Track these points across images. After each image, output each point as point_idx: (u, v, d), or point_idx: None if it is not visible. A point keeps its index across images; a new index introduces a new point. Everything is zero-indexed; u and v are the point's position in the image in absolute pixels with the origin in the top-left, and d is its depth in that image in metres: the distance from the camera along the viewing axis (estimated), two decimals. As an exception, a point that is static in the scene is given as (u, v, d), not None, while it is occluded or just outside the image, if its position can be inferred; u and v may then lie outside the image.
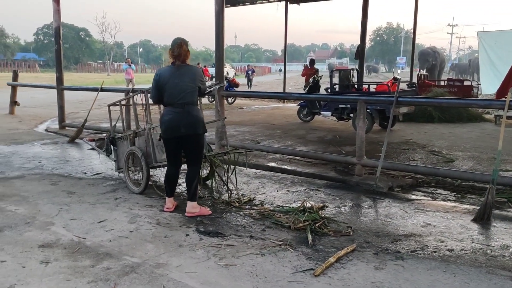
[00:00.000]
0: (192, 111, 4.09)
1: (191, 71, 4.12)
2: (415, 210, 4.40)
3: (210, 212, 4.16)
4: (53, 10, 9.38)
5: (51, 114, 12.01)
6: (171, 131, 4.06)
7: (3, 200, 4.48)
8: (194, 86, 4.09)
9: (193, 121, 4.07)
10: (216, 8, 6.47)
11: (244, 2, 17.74)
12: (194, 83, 4.08)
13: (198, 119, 4.11)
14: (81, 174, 5.77)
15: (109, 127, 5.96)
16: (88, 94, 13.75)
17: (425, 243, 3.50)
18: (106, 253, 3.23)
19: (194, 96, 4.13)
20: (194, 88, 4.09)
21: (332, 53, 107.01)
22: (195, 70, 4.20)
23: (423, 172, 5.37)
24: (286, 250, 3.32)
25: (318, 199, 4.71)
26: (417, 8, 15.80)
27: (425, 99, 7.47)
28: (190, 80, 4.07)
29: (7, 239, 3.47)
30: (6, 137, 8.47)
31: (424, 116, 10.66)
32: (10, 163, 6.28)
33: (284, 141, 8.09)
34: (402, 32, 76.59)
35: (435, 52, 23.45)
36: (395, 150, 7.15)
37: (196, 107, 4.18)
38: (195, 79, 4.10)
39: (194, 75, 4.11)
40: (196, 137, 4.12)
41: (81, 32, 71.31)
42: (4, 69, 48.38)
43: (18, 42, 72.86)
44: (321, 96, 10.17)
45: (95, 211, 4.22)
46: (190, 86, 4.06)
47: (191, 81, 4.07)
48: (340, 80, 10.33)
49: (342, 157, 6.03)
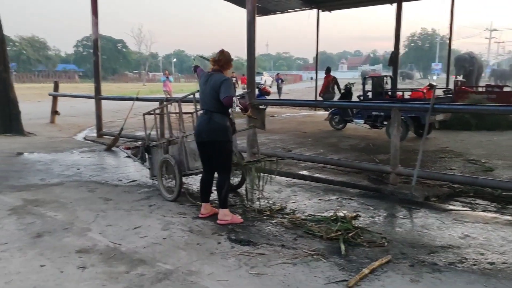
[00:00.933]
0: (215, 117, 4.09)
1: (214, 79, 4.10)
2: (453, 220, 4.25)
3: (241, 221, 4.15)
4: (92, 23, 9.74)
5: (89, 123, 12.43)
6: (196, 136, 4.24)
7: (44, 206, 4.66)
8: (215, 94, 4.05)
9: (214, 127, 4.09)
10: (247, 18, 6.53)
11: (275, 11, 17.85)
12: (215, 90, 4.05)
13: (218, 126, 4.09)
14: (117, 181, 5.92)
15: (144, 135, 6.10)
16: (124, 103, 14.15)
17: (464, 256, 3.38)
18: (140, 260, 3.29)
19: (217, 104, 4.06)
20: (215, 95, 4.05)
21: (365, 60, 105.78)
22: (217, 78, 4.09)
23: (461, 182, 5.20)
24: (319, 260, 3.28)
25: (351, 208, 4.64)
26: (453, 13, 15.40)
27: (462, 106, 7.26)
28: (213, 88, 4.06)
29: (47, 244, 3.60)
30: (47, 145, 8.82)
31: (461, 123, 10.32)
32: (51, 170, 6.53)
33: (315, 149, 8.03)
34: (438, 38, 74.76)
35: (472, 58, 22.72)
36: (431, 158, 6.95)
37: (219, 114, 4.11)
38: (216, 86, 4.05)
39: (215, 83, 4.06)
40: (217, 144, 4.12)
41: (118, 43, 73.66)
42: (46, 80, 50.56)
43: (59, 54, 76.06)
44: (353, 104, 10.05)
45: (130, 217, 4.32)
46: (212, 93, 4.07)
47: (213, 89, 4.05)
48: (373, 87, 10.18)
49: (375, 166, 5.92)
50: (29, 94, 26.36)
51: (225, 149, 4.17)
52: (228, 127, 4.15)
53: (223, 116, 4.15)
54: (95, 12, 9.67)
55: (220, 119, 4.12)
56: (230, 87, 4.06)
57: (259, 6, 15.87)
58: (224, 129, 4.11)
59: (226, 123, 4.14)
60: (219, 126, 4.10)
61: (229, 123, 4.18)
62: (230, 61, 4.25)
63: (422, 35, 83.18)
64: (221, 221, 4.09)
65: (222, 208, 4.14)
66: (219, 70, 4.17)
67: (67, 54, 79.23)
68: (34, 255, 3.37)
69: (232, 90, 4.09)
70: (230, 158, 4.31)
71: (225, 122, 4.14)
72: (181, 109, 5.40)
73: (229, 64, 4.22)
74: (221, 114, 4.13)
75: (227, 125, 4.15)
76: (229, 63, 4.23)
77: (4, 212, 4.42)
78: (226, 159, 4.24)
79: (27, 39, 63.33)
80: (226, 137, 4.13)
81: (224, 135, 4.12)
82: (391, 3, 15.05)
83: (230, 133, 4.17)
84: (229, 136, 4.16)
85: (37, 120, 12.99)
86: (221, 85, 4.02)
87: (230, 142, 4.20)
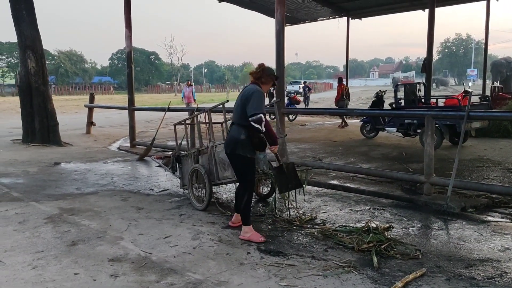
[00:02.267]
0: (231, 130, 4.03)
1: (247, 89, 4.02)
2: (492, 232, 4.07)
3: (260, 240, 3.88)
4: (125, 36, 10.04)
5: (123, 134, 12.77)
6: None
7: (79, 215, 4.79)
8: (243, 105, 3.90)
9: (227, 140, 4.05)
10: (276, 27, 6.56)
11: (304, 20, 17.89)
12: (244, 101, 3.90)
13: (230, 139, 3.98)
14: (149, 191, 6.02)
15: (175, 145, 6.20)
16: (157, 114, 14.46)
17: (504, 270, 3.22)
18: (170, 269, 3.31)
19: (240, 117, 3.94)
20: (243, 106, 3.90)
21: (396, 67, 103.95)
22: (249, 88, 3.97)
23: (500, 192, 4.98)
24: (350, 273, 3.21)
25: (383, 219, 4.53)
26: (488, 17, 14.98)
27: (500, 113, 6.97)
28: (242, 98, 3.95)
29: (81, 252, 3.69)
30: (83, 155, 9.10)
31: (499, 131, 9.96)
32: (86, 179, 6.72)
33: (346, 158, 7.92)
34: (473, 43, 72.72)
35: (510, 63, 21.94)
36: (468, 167, 6.72)
37: (236, 127, 3.98)
38: (244, 97, 3.92)
39: (246, 93, 3.94)
40: (231, 157, 4.03)
41: (151, 55, 75.56)
42: (83, 92, 52.37)
43: (95, 66, 78.63)
44: (385, 112, 9.87)
45: (161, 226, 4.37)
46: (240, 104, 3.95)
47: (242, 99, 3.94)
48: (405, 94, 9.98)
49: (409, 175, 5.77)
50: (66, 105, 27.37)
51: (239, 163, 4.00)
52: (240, 141, 3.91)
53: (239, 129, 3.95)
54: (128, 25, 9.98)
55: (235, 132, 3.97)
56: (260, 101, 3.84)
57: (288, 16, 15.99)
58: (235, 143, 3.94)
59: (239, 136, 3.92)
60: (231, 139, 3.98)
61: (246, 137, 3.91)
62: (270, 76, 4.04)
63: (456, 40, 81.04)
64: (242, 236, 3.99)
65: (243, 224, 4.05)
66: (256, 83, 4.05)
67: (102, 67, 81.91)
68: (69, 263, 3.45)
69: (262, 106, 3.85)
70: (249, 173, 4.02)
71: (238, 136, 3.92)
72: (211, 119, 5.45)
73: (268, 79, 4.04)
74: (238, 127, 3.97)
75: (240, 138, 3.91)
76: (268, 77, 4.04)
77: (41, 220, 4.57)
78: (243, 173, 4.03)
79: (65, 53, 65.89)
80: (237, 150, 3.93)
81: (234, 148, 3.95)
82: (423, 8, 14.82)
83: (243, 148, 3.92)
84: (241, 150, 3.92)
85: (74, 130, 13.46)
86: (250, 96, 3.84)
87: (243, 156, 3.94)
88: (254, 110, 3.77)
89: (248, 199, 4.00)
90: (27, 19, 10.21)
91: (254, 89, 3.91)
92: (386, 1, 15.05)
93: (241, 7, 15.47)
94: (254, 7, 15.59)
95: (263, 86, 4.04)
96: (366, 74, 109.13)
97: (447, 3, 14.91)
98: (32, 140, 10.47)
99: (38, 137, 10.47)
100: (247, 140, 3.92)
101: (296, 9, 15.74)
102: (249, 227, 3.99)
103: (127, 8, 9.98)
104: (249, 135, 3.91)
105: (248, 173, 4.03)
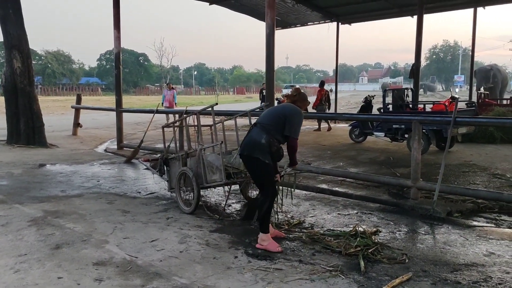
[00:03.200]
0: (252, 131, 3.95)
1: (290, 106, 4.01)
2: (477, 237, 4.11)
3: (278, 250, 3.72)
4: (114, 37, 9.95)
5: (111, 135, 12.64)
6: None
7: (63, 218, 4.71)
8: (281, 116, 3.90)
9: (247, 141, 3.92)
10: (267, 31, 6.56)
11: (294, 24, 17.94)
12: (285, 115, 3.90)
13: (250, 140, 3.90)
14: (136, 193, 5.96)
15: (163, 147, 6.15)
16: (145, 116, 14.35)
17: (489, 274, 3.25)
18: (156, 273, 3.27)
19: (272, 123, 3.89)
20: (279, 117, 3.90)
21: (385, 72, 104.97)
22: (294, 107, 4.00)
23: (485, 197, 5.04)
24: (337, 277, 3.20)
25: (370, 223, 4.54)
26: (475, 24, 15.22)
27: (485, 119, 7.08)
28: (284, 110, 3.96)
29: (65, 255, 3.62)
30: (69, 157, 8.98)
31: (485, 136, 10.09)
32: (71, 182, 6.63)
33: (334, 162, 7.94)
34: (460, 50, 73.83)
35: (495, 70, 22.27)
36: (454, 172, 6.78)
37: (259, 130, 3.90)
38: (287, 111, 3.93)
39: (291, 109, 3.97)
40: (246, 159, 3.93)
41: (140, 57, 75.17)
42: (70, 93, 51.82)
43: (83, 67, 77.93)
44: (373, 117, 9.94)
45: (147, 230, 4.32)
46: (277, 113, 3.98)
47: (284, 111, 3.95)
48: (393, 99, 10.07)
49: (396, 180, 5.80)
50: (53, 106, 27.06)
51: (255, 167, 3.89)
52: (262, 145, 3.81)
53: (261, 133, 3.86)
54: (117, 26, 9.90)
55: (256, 135, 3.87)
56: (300, 126, 3.94)
57: (278, 20, 16.01)
58: (253, 145, 3.84)
59: (261, 140, 3.82)
60: (250, 140, 3.88)
61: (266, 141, 3.82)
62: (305, 101, 4.12)
63: (444, 47, 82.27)
64: (258, 245, 3.82)
65: (260, 231, 3.87)
66: (293, 103, 4.06)
67: (90, 68, 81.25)
68: (52, 266, 3.39)
69: (299, 130, 3.95)
70: (267, 180, 3.90)
71: (260, 139, 3.83)
72: (200, 121, 5.42)
73: (303, 104, 4.10)
74: (260, 131, 3.87)
75: (262, 142, 3.81)
76: (303, 102, 4.10)
77: (24, 223, 4.49)
78: (261, 179, 3.93)
79: (52, 53, 65.15)
80: (257, 154, 3.81)
81: (252, 151, 3.84)
82: (412, 15, 14.97)
83: (263, 153, 3.81)
84: (260, 155, 3.81)
85: (60, 132, 13.30)
86: (295, 117, 3.88)
87: (261, 161, 3.82)
88: (295, 135, 3.89)
89: (268, 207, 3.85)
90: (13, 18, 10.07)
91: (300, 112, 3.97)
92: (376, 7, 15.19)
93: (232, 10, 15.46)
94: (244, 10, 15.61)
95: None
96: (355, 79, 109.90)
97: (435, 10, 15.10)
98: (17, 141, 10.30)
99: (23, 138, 10.30)
100: (267, 145, 3.82)
101: (286, 13, 15.80)
102: (267, 235, 3.82)
103: (116, 8, 9.90)
104: (270, 140, 3.84)
105: (267, 180, 3.91)
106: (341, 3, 14.84)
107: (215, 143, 4.98)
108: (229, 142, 5.86)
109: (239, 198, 5.60)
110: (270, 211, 3.90)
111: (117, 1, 9.91)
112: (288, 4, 14.48)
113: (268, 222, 3.88)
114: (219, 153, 4.74)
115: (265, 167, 3.85)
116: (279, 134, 3.87)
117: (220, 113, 7.12)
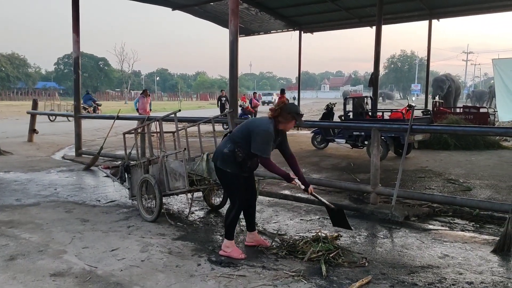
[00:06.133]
0: (221, 142, 3.91)
1: (256, 120, 3.97)
2: (432, 240, 4.28)
3: (242, 257, 3.73)
4: (73, 41, 9.69)
5: (69, 142, 12.22)
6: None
7: (18, 228, 4.52)
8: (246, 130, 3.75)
9: (216, 151, 3.91)
10: (230, 38, 6.60)
11: (258, 31, 18.12)
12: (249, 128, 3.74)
13: (216, 150, 3.90)
14: (95, 202, 5.80)
15: (124, 154, 6.02)
16: (105, 122, 14.00)
17: (443, 275, 3.39)
18: (116, 283, 3.20)
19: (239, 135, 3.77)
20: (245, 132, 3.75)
21: (346, 81, 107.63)
22: (258, 120, 3.90)
23: (440, 201, 5.26)
24: (299, 282, 3.25)
25: (332, 228, 4.63)
26: (430, 35, 15.90)
27: (440, 126, 7.38)
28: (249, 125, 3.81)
29: (20, 267, 3.48)
30: (24, 164, 8.62)
31: (440, 143, 10.51)
32: (27, 190, 6.37)
33: (297, 169, 8.03)
34: (417, 60, 76.83)
35: (449, 79, 23.33)
36: (411, 178, 7.04)
37: (226, 139, 3.86)
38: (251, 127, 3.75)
39: (253, 122, 3.86)
40: (217, 170, 3.90)
41: (100, 61, 73.38)
42: (26, 97, 49.77)
43: (40, 71, 75.18)
44: (334, 124, 10.16)
45: (107, 239, 4.21)
46: (244, 128, 3.82)
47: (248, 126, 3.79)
48: (354, 107, 10.33)
49: (356, 185, 5.96)
50: (7, 112, 25.90)
51: (223, 177, 3.86)
52: (225, 154, 3.73)
53: (227, 142, 3.81)
54: (76, 30, 9.65)
55: (223, 144, 3.84)
56: (263, 142, 3.65)
57: (242, 27, 16.13)
58: (219, 155, 3.79)
59: (224, 149, 3.76)
60: (217, 150, 3.87)
61: (229, 151, 3.73)
62: (290, 114, 3.72)
63: (402, 56, 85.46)
64: (222, 252, 3.83)
65: (225, 238, 3.88)
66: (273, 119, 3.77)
67: (47, 72, 78.46)
68: (6, 279, 3.24)
69: (267, 148, 3.68)
70: (233, 190, 3.86)
71: (223, 148, 3.78)
72: (162, 128, 5.36)
73: (287, 117, 3.72)
74: (228, 140, 3.82)
75: (225, 151, 3.74)
76: (288, 115, 3.72)
77: (-24, 234, 4.27)
78: (227, 189, 3.98)
79: (6, 56, 62.44)
80: (221, 164, 3.77)
81: (217, 161, 3.81)
82: (371, 25, 15.47)
83: (227, 162, 3.74)
84: (221, 164, 3.76)
85: (15, 138, 12.74)
86: (257, 132, 3.65)
87: (224, 171, 3.77)
88: (262, 153, 3.66)
89: (234, 216, 3.82)
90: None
91: (265, 129, 3.66)
92: (337, 17, 15.60)
93: (195, 16, 15.42)
94: (208, 16, 15.61)
95: (281, 125, 3.76)
96: (317, 86, 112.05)
97: (393, 21, 15.72)
98: (-33, 148, 9.79)
99: (-26, 144, 9.81)
100: (231, 154, 3.72)
101: (250, 21, 15.94)
102: (230, 242, 3.83)
103: (75, 12, 9.64)
104: (235, 150, 3.72)
105: (233, 190, 3.86)
106: (304, 13, 15.15)
107: (178, 150, 4.94)
108: (192, 148, 5.82)
109: (202, 206, 5.57)
110: (237, 220, 3.89)
111: (77, 4, 9.66)
112: (251, 12, 14.62)
113: (233, 230, 3.88)
114: (182, 160, 4.70)
115: (230, 177, 3.79)
116: (248, 148, 3.70)
117: (183, 119, 7.07)
